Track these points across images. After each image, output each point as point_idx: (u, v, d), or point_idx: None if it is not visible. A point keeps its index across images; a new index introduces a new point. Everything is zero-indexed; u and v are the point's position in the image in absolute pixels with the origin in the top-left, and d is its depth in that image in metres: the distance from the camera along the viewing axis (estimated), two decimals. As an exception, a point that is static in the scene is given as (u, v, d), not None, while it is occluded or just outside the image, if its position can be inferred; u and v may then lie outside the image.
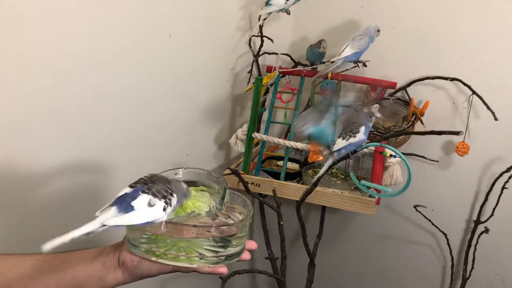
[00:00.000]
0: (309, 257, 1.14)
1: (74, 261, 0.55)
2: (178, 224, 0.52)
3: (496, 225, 1.08)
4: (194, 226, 0.54)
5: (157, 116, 0.92)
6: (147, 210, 0.48)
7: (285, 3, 0.95)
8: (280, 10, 0.97)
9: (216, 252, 0.54)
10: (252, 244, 0.60)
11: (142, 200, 0.48)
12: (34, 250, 0.71)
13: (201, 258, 0.54)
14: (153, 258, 0.53)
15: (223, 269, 0.55)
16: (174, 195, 0.52)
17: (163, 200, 0.49)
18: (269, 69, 1.14)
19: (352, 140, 0.81)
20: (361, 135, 0.81)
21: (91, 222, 0.46)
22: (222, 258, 0.55)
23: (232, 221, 0.61)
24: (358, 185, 0.88)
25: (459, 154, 1.01)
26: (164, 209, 0.49)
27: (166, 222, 0.51)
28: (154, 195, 0.49)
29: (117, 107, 0.82)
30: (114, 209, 0.47)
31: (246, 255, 0.59)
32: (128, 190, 0.48)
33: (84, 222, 0.79)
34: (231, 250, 0.56)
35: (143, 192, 0.48)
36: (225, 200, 0.63)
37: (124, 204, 0.47)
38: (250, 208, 0.60)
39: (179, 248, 0.53)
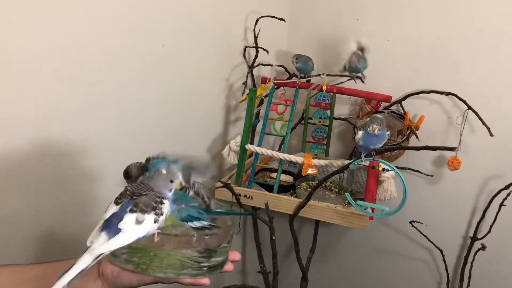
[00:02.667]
0: (302, 272, 1.12)
1: (52, 271, 0.53)
2: (160, 234, 0.51)
3: (492, 242, 1.06)
4: (176, 235, 0.53)
5: (148, 126, 0.91)
6: (136, 228, 0.46)
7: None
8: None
9: (199, 263, 0.53)
10: (235, 255, 0.58)
11: (129, 220, 0.46)
12: (12, 260, 0.69)
13: (183, 269, 0.52)
14: (134, 269, 0.51)
15: (205, 280, 0.53)
16: (165, 201, 0.50)
17: (153, 213, 0.48)
18: (264, 80, 1.14)
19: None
20: (357, 137, 0.82)
21: (82, 257, 0.45)
22: (205, 269, 0.53)
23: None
24: (354, 205, 0.86)
25: (450, 169, 0.99)
26: (156, 221, 0.48)
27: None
28: (142, 210, 0.47)
29: (108, 116, 0.80)
30: (103, 235, 0.46)
31: (229, 266, 0.57)
32: (114, 208, 0.47)
33: (69, 229, 0.78)
34: (214, 261, 0.54)
35: (131, 211, 0.47)
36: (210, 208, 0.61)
37: (112, 227, 0.46)
38: (234, 218, 0.59)
39: (160, 259, 0.52)
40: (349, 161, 0.86)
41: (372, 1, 1.11)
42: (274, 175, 1.11)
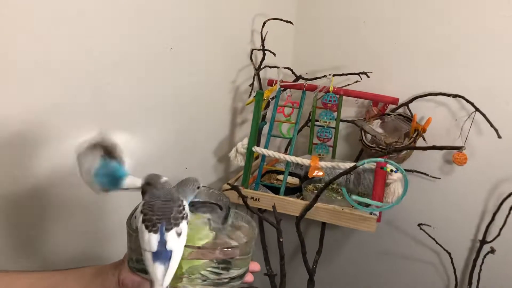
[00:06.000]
0: (309, 274, 1.12)
1: (71, 280, 0.53)
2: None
3: (502, 246, 1.05)
4: (198, 248, 0.52)
5: (155, 128, 0.91)
6: (180, 240, 0.48)
7: None
8: None
9: (219, 274, 0.52)
10: (255, 266, 0.57)
11: (172, 238, 0.47)
12: (29, 266, 0.70)
13: (203, 281, 0.52)
14: None
15: None
16: (184, 202, 0.51)
17: (184, 221, 0.49)
18: (271, 83, 1.14)
19: None
20: None
21: None
22: (225, 280, 0.53)
23: (234, 242, 0.58)
24: (348, 200, 0.87)
25: (457, 164, 0.99)
26: (188, 222, 0.50)
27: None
28: (176, 224, 0.48)
29: (114, 118, 0.81)
30: (158, 265, 0.45)
31: (249, 278, 0.56)
32: (155, 237, 0.47)
33: (79, 237, 0.79)
34: (234, 273, 0.54)
35: (167, 230, 0.47)
36: (228, 220, 0.61)
37: (163, 253, 0.46)
38: (254, 228, 0.58)
39: (181, 270, 0.52)
40: (355, 163, 0.86)
41: (379, 4, 1.11)
42: (280, 177, 1.11)
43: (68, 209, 0.76)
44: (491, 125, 0.95)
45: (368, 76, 1.07)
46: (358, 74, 1.07)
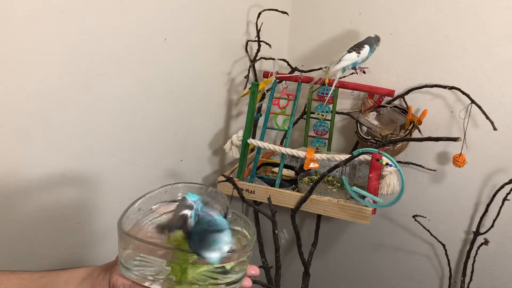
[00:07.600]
0: (304, 266, 1.12)
1: (62, 281, 0.52)
2: (175, 249, 0.49)
3: (495, 237, 1.06)
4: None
5: (150, 120, 0.90)
6: None
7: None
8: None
9: (215, 279, 0.50)
10: (254, 269, 0.55)
11: None
12: (20, 267, 0.69)
13: (198, 285, 0.50)
14: (147, 283, 0.49)
15: None
16: None
17: None
18: (266, 74, 1.13)
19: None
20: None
21: None
22: (222, 285, 0.51)
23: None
24: (349, 190, 0.87)
25: (456, 166, 0.99)
26: None
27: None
28: None
29: (109, 111, 0.80)
30: None
31: (247, 282, 0.54)
32: None
33: (73, 235, 0.78)
34: (231, 277, 0.51)
35: None
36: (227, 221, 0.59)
37: None
38: (253, 231, 0.56)
39: (175, 274, 0.49)
40: (351, 154, 0.86)
41: (375, -6, 1.10)
42: (276, 169, 1.11)
43: (59, 209, 0.75)
44: (487, 117, 0.95)
45: (364, 72, 1.06)
46: (354, 68, 1.06)
